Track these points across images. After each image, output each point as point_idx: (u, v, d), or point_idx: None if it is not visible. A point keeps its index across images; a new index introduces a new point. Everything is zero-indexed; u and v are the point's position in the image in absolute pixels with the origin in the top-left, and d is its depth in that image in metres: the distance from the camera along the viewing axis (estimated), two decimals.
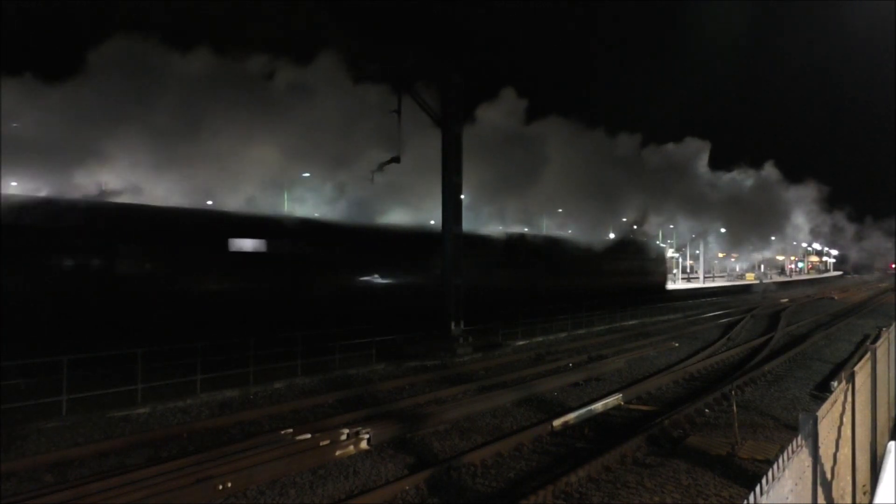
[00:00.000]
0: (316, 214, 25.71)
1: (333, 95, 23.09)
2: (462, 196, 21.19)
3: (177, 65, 20.90)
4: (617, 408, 12.53)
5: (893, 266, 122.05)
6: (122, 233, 16.97)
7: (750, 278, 75.98)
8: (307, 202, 26.33)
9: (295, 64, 23.62)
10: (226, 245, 18.57)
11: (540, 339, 23.11)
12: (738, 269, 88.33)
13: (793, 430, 10.05)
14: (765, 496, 2.81)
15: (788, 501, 3.19)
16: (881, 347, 7.39)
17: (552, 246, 32.68)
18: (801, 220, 63.60)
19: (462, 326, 20.54)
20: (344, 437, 9.65)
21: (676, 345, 21.45)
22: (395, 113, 20.46)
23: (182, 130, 20.00)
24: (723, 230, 66.94)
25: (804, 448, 3.56)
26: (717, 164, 52.38)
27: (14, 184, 19.98)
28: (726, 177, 52.77)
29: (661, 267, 44.65)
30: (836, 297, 49.68)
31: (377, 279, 22.91)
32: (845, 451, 4.98)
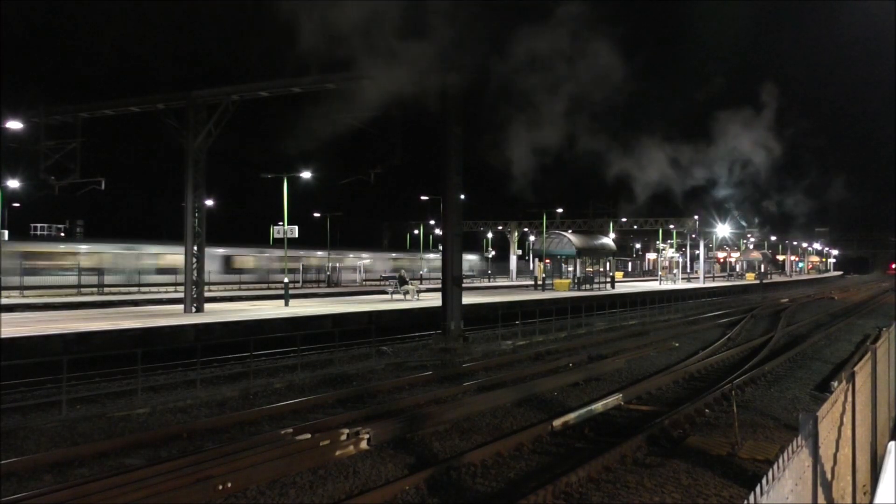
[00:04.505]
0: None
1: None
2: (462, 196, 21.21)
3: None
4: (617, 408, 12.52)
5: (894, 266, 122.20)
6: None
7: (750, 278, 75.95)
8: None
9: None
10: None
11: (540, 338, 23.11)
12: (738, 269, 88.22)
13: (793, 430, 10.05)
14: (765, 496, 2.81)
15: (788, 502, 3.19)
16: (881, 347, 7.38)
17: None
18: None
19: (462, 326, 20.55)
20: (344, 437, 9.64)
21: (676, 344, 21.45)
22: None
23: None
24: (722, 230, 67.00)
25: (804, 448, 3.55)
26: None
27: None
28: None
29: None
30: (836, 297, 49.69)
31: None
32: (845, 451, 4.98)
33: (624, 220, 67.70)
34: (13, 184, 35.27)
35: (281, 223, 30.80)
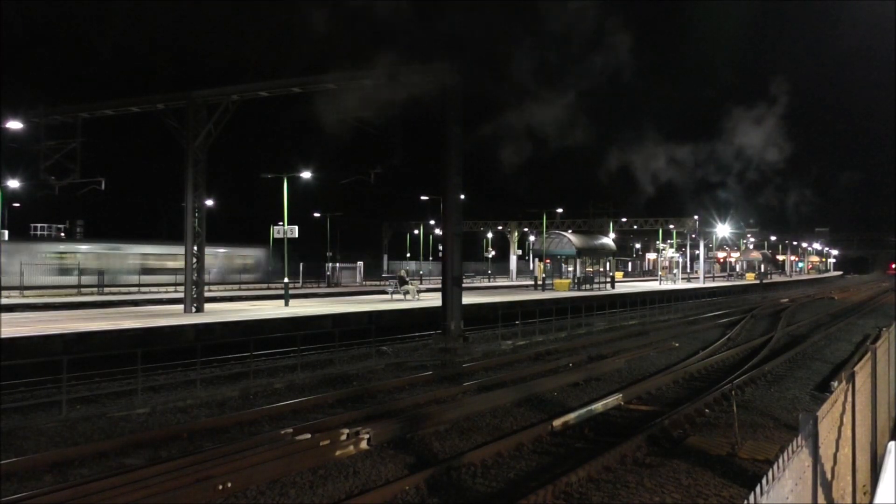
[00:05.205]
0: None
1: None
2: (462, 196, 21.20)
3: None
4: (617, 408, 12.52)
5: (894, 266, 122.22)
6: None
7: (750, 278, 75.93)
8: None
9: None
10: None
11: (540, 338, 23.11)
12: (738, 269, 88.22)
13: (793, 430, 10.05)
14: (765, 496, 2.81)
15: (788, 502, 3.19)
16: (881, 347, 7.38)
17: None
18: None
19: (462, 326, 20.54)
20: (344, 437, 9.64)
21: (676, 344, 21.44)
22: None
23: None
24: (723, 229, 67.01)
25: (804, 448, 3.55)
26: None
27: None
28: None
29: None
30: (835, 297, 49.68)
31: None
32: (845, 451, 4.98)
33: (624, 220, 67.71)
34: (13, 184, 35.32)
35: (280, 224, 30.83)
